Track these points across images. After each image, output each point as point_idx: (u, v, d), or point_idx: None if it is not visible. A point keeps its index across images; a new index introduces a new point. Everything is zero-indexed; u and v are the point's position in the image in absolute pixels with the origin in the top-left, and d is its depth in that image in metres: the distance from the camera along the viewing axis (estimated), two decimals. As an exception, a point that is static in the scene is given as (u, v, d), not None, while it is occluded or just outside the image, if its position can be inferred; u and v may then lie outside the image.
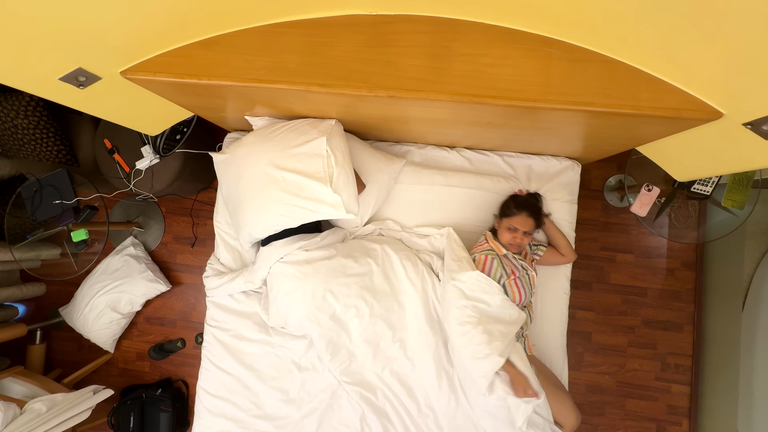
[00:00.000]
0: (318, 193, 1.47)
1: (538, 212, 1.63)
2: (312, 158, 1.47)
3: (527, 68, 1.15)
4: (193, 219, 2.47)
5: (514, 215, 1.60)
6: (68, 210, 1.96)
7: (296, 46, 1.22)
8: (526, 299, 1.59)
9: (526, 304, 1.62)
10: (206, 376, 1.76)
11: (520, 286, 1.57)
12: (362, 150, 1.72)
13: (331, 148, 1.47)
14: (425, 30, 1.18)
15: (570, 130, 1.42)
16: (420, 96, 1.18)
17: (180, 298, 2.47)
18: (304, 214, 1.51)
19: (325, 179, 1.46)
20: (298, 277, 1.57)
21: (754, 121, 1.02)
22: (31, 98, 1.89)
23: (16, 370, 2.08)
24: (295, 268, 1.58)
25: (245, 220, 1.62)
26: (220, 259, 1.87)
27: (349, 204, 1.50)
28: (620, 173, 2.28)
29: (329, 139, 1.47)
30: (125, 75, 1.24)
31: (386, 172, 1.72)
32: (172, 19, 1.11)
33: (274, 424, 1.68)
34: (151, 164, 1.98)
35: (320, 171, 1.46)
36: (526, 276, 1.60)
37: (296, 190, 1.48)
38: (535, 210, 1.62)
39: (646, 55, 1.08)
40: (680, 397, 2.21)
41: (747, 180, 1.80)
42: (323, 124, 1.52)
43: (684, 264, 2.25)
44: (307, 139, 1.49)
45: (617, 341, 2.26)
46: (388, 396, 1.62)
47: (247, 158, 1.58)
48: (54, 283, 2.58)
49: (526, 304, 1.62)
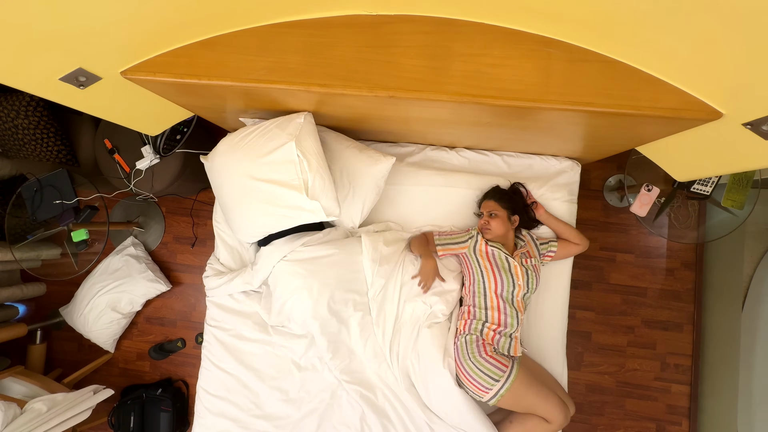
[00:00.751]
0: (295, 200, 1.43)
1: (500, 194, 1.69)
2: (284, 165, 1.41)
3: (527, 68, 1.15)
4: (193, 219, 2.47)
5: (481, 202, 1.73)
6: (68, 210, 1.96)
7: (296, 46, 1.22)
8: (507, 291, 1.56)
9: (514, 301, 1.58)
10: (206, 376, 1.76)
11: (493, 262, 1.58)
12: (345, 151, 1.66)
13: (302, 152, 1.40)
14: (425, 30, 1.18)
15: (570, 130, 1.42)
16: (420, 96, 1.18)
17: (180, 298, 2.47)
18: (286, 221, 1.51)
19: (300, 187, 1.41)
20: (303, 274, 1.57)
21: (754, 121, 1.02)
22: (31, 98, 1.89)
23: (17, 369, 2.09)
24: (300, 266, 1.58)
25: (234, 227, 1.65)
26: (219, 258, 1.87)
27: (330, 208, 1.45)
28: (620, 173, 2.28)
29: (298, 143, 1.40)
30: (125, 75, 1.24)
31: (371, 174, 1.65)
32: (172, 19, 1.11)
33: (274, 424, 1.68)
34: (151, 164, 1.98)
35: (294, 178, 1.41)
36: (504, 258, 1.58)
37: (273, 200, 1.46)
38: (496, 193, 1.70)
39: (646, 55, 1.08)
40: (680, 397, 2.21)
41: (747, 180, 1.80)
42: (291, 125, 1.44)
43: (684, 264, 2.25)
44: (277, 144, 1.42)
45: (617, 341, 2.26)
46: (388, 396, 1.63)
47: (224, 169, 1.56)
48: (54, 283, 2.58)
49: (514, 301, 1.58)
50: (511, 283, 1.56)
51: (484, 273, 1.59)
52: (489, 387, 1.43)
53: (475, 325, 1.55)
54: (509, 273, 1.57)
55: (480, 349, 1.49)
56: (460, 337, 1.56)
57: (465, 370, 1.48)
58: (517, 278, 1.57)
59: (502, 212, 1.65)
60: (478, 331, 1.54)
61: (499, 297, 1.56)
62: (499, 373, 1.44)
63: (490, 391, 1.44)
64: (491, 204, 1.68)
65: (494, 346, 1.52)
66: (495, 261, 1.58)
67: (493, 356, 1.47)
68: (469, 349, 1.50)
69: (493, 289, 1.57)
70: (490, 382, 1.43)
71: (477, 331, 1.54)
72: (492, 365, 1.45)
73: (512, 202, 1.69)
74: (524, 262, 1.61)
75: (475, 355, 1.48)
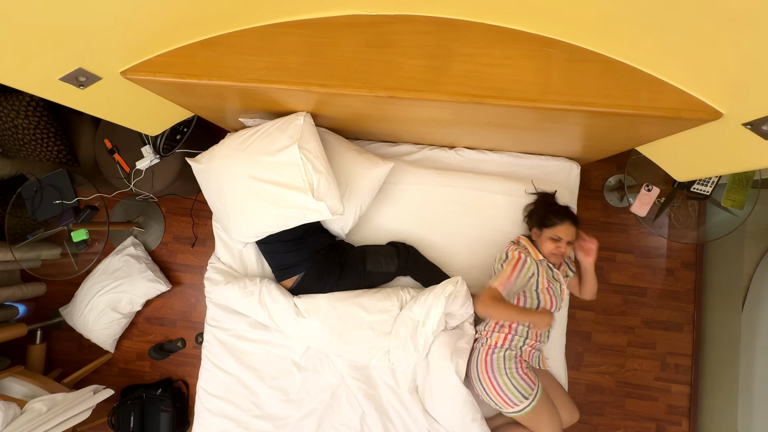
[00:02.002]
0: (301, 202, 1.46)
1: (577, 220, 1.58)
2: (288, 168, 1.44)
3: (527, 68, 1.15)
4: (193, 219, 2.47)
5: (556, 225, 1.53)
6: (68, 210, 1.96)
7: (296, 46, 1.22)
8: (556, 309, 1.57)
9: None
10: (206, 376, 1.76)
11: (552, 294, 1.54)
12: (345, 153, 1.67)
13: (305, 155, 1.42)
14: (425, 30, 1.18)
15: (570, 130, 1.42)
16: (420, 96, 1.18)
17: (180, 298, 2.47)
18: (291, 221, 1.54)
19: (306, 189, 1.43)
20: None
21: (754, 121, 1.02)
22: (31, 98, 1.89)
23: (17, 369, 2.08)
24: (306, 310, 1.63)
25: (233, 228, 1.64)
26: (220, 258, 1.87)
27: (334, 207, 1.49)
28: (620, 173, 2.28)
29: (301, 146, 1.42)
30: (125, 75, 1.24)
31: (369, 176, 1.66)
32: (172, 19, 1.11)
33: (274, 424, 1.68)
34: (151, 164, 1.98)
35: (299, 180, 1.43)
36: (558, 286, 1.57)
37: (279, 201, 1.47)
38: (575, 218, 1.58)
39: (646, 55, 1.08)
40: (680, 397, 2.21)
41: (747, 180, 1.80)
42: (292, 127, 1.46)
43: (684, 264, 2.25)
44: (279, 147, 1.44)
45: (617, 341, 2.26)
46: (389, 396, 1.63)
47: (225, 171, 1.56)
48: (54, 283, 2.58)
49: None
50: (558, 304, 1.57)
51: (541, 301, 1.55)
52: (517, 403, 1.44)
53: (516, 342, 1.53)
54: (559, 297, 1.57)
55: (518, 365, 1.49)
56: (498, 351, 1.52)
57: (498, 384, 1.48)
58: (562, 299, 1.58)
59: (575, 239, 1.56)
60: (518, 348, 1.53)
61: None
62: (529, 390, 1.45)
63: (517, 407, 1.44)
64: (571, 230, 1.52)
65: (528, 362, 1.53)
66: (553, 292, 1.56)
67: (527, 373, 1.48)
68: (507, 365, 1.49)
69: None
70: (520, 399, 1.44)
71: (517, 348, 1.53)
72: (525, 382, 1.46)
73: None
74: (565, 280, 1.62)
75: (512, 371, 1.48)
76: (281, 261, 1.69)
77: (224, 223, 1.69)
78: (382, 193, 1.77)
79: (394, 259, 1.69)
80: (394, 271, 1.70)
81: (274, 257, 1.71)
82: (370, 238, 1.82)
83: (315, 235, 1.68)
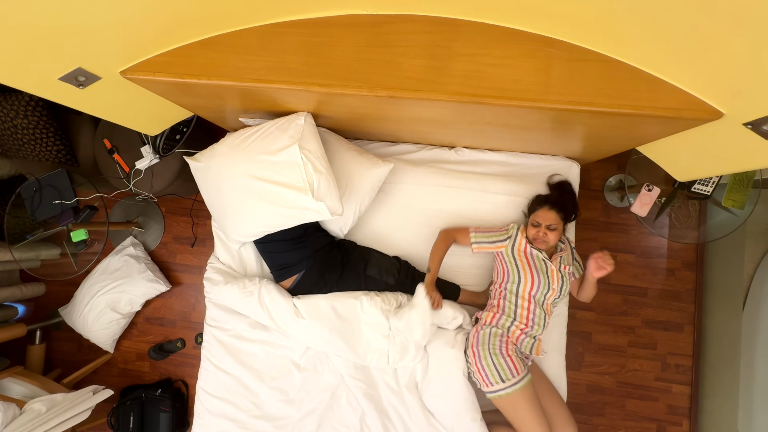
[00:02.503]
0: (301, 202, 1.46)
1: (561, 204, 1.58)
2: (289, 168, 1.44)
3: (527, 68, 1.15)
4: (193, 219, 2.47)
5: (536, 210, 1.60)
6: (68, 210, 1.96)
7: (296, 46, 1.22)
8: (541, 288, 1.54)
9: (544, 304, 1.57)
10: (206, 377, 1.76)
11: (533, 265, 1.54)
12: (345, 153, 1.67)
13: (306, 156, 1.43)
14: (425, 30, 1.18)
15: (570, 129, 1.42)
16: (420, 96, 1.18)
17: (180, 298, 2.47)
18: (290, 221, 1.54)
19: (306, 189, 1.43)
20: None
21: (755, 121, 1.02)
22: (30, 98, 1.89)
23: (16, 370, 2.08)
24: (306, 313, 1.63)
25: (231, 227, 1.64)
26: (220, 258, 1.87)
27: (334, 208, 1.49)
28: (620, 173, 2.28)
29: (302, 146, 1.43)
30: (125, 75, 1.24)
31: (369, 177, 1.66)
32: (172, 19, 1.11)
33: (274, 425, 1.68)
34: (150, 164, 1.98)
35: (300, 180, 1.43)
36: (543, 265, 1.55)
37: (279, 201, 1.47)
38: (558, 203, 1.58)
39: (646, 55, 1.08)
40: (680, 398, 2.21)
41: (747, 180, 1.79)
42: (293, 127, 1.46)
43: (684, 264, 2.25)
44: (279, 147, 1.44)
45: (617, 341, 2.26)
46: (389, 395, 1.63)
47: (224, 170, 1.56)
48: (54, 283, 2.57)
49: (544, 304, 1.57)
50: (546, 285, 1.55)
51: (521, 273, 1.56)
52: (493, 383, 1.45)
53: (503, 321, 1.55)
54: (546, 275, 1.55)
55: (502, 344, 1.50)
56: (485, 328, 1.56)
57: (479, 357, 1.50)
58: (552, 281, 1.56)
59: (561, 225, 1.56)
60: (505, 327, 1.54)
61: (531, 298, 1.55)
62: (509, 374, 1.44)
63: (492, 386, 1.45)
64: (552, 216, 1.55)
65: (517, 346, 1.53)
66: (533, 261, 1.56)
67: (511, 357, 1.48)
68: (491, 341, 1.51)
69: (527, 290, 1.55)
70: (497, 379, 1.44)
71: (504, 327, 1.54)
72: (506, 365, 1.46)
73: (571, 211, 1.63)
74: (562, 268, 1.59)
75: (495, 348, 1.49)
76: (281, 260, 1.69)
77: (222, 222, 1.68)
78: (382, 193, 1.77)
79: (395, 273, 1.70)
80: (392, 284, 1.70)
81: (274, 257, 1.70)
82: (369, 237, 1.82)
83: (314, 234, 1.68)
